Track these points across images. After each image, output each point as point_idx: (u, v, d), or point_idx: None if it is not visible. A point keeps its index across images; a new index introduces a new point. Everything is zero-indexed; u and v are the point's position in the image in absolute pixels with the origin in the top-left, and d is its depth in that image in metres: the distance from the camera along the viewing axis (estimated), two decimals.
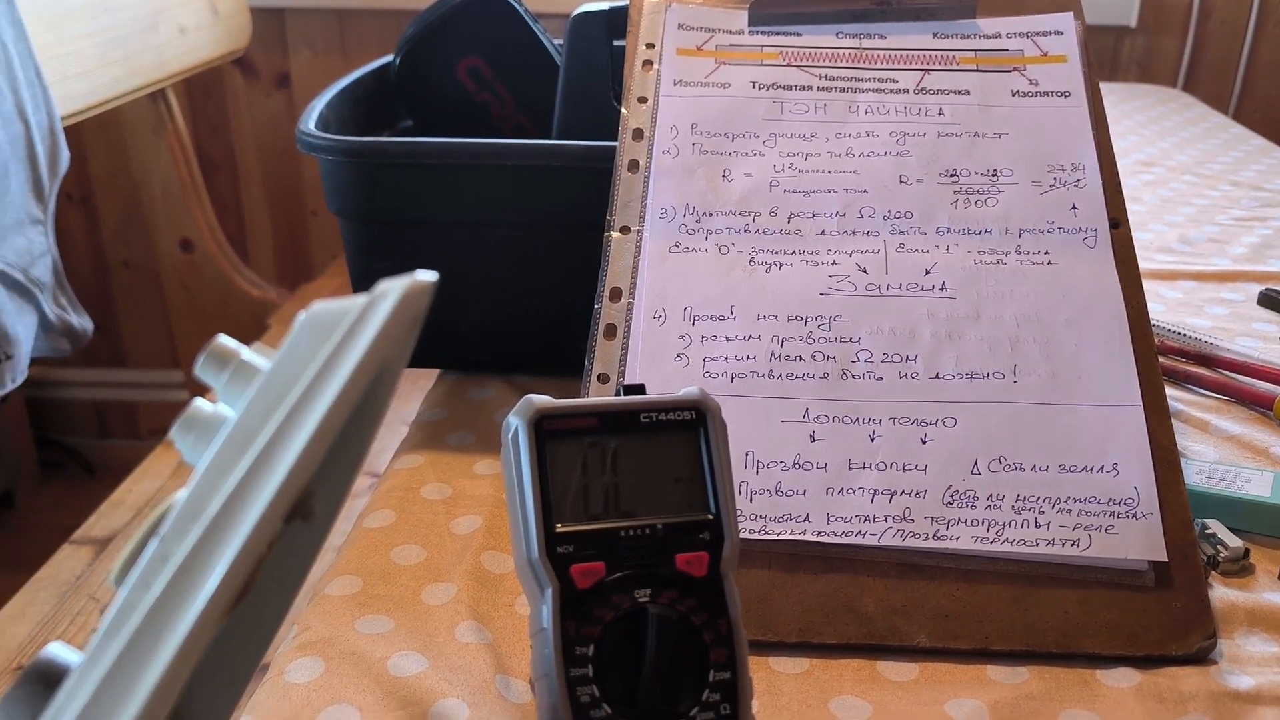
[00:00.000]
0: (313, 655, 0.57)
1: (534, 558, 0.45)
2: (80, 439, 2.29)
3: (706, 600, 0.46)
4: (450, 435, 0.79)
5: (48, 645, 0.33)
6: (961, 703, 0.53)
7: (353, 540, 0.68)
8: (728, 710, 0.45)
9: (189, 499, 0.28)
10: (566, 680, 0.44)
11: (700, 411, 0.48)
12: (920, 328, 0.64)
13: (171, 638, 0.26)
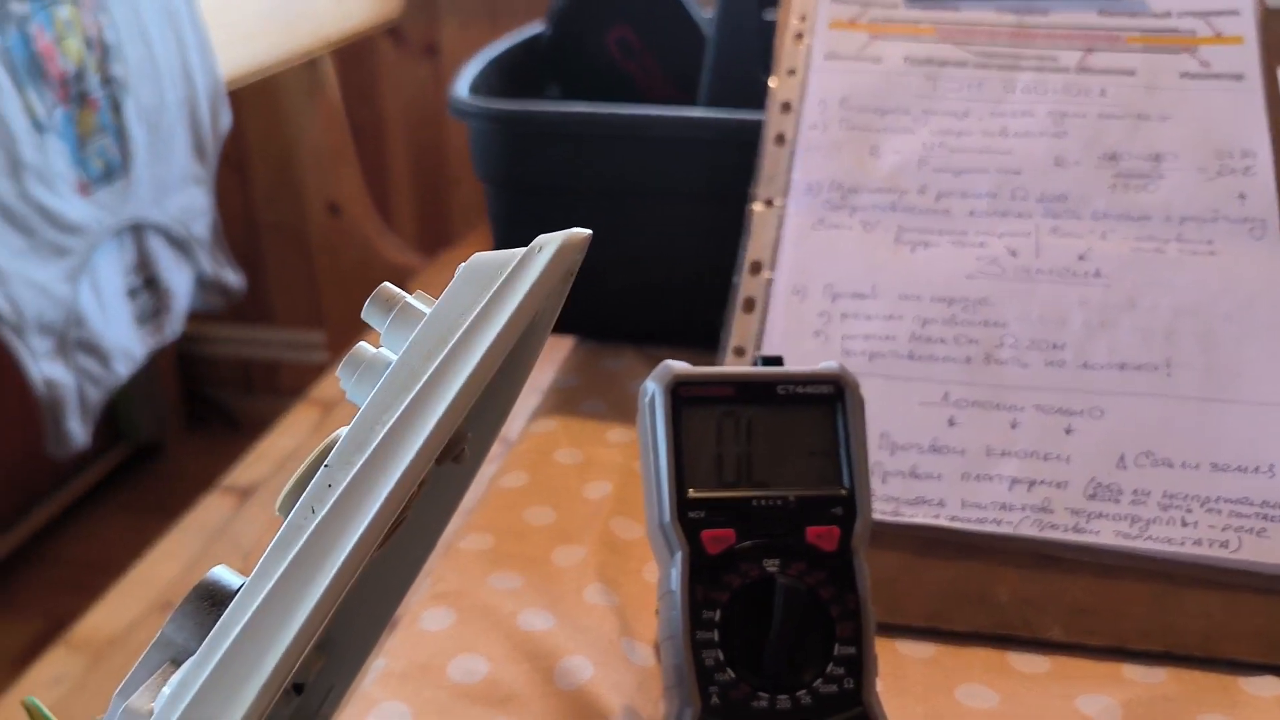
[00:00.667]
0: (446, 606, 0.59)
1: (665, 522, 0.46)
2: (226, 394, 2.40)
3: (835, 574, 0.46)
4: (584, 402, 0.80)
5: (214, 568, 0.35)
6: (1094, 699, 0.52)
7: (486, 499, 0.70)
8: (851, 685, 0.44)
9: (352, 433, 0.29)
10: (692, 643, 0.44)
11: (839, 386, 0.48)
12: (1070, 315, 0.62)
13: (332, 561, 0.27)
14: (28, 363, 1.54)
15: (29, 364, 1.54)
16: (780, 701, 0.44)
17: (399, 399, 0.29)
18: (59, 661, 1.44)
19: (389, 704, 0.52)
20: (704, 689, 0.44)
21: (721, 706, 0.44)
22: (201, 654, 0.29)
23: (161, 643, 0.34)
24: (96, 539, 1.89)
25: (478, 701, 0.52)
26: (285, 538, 0.28)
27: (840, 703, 0.44)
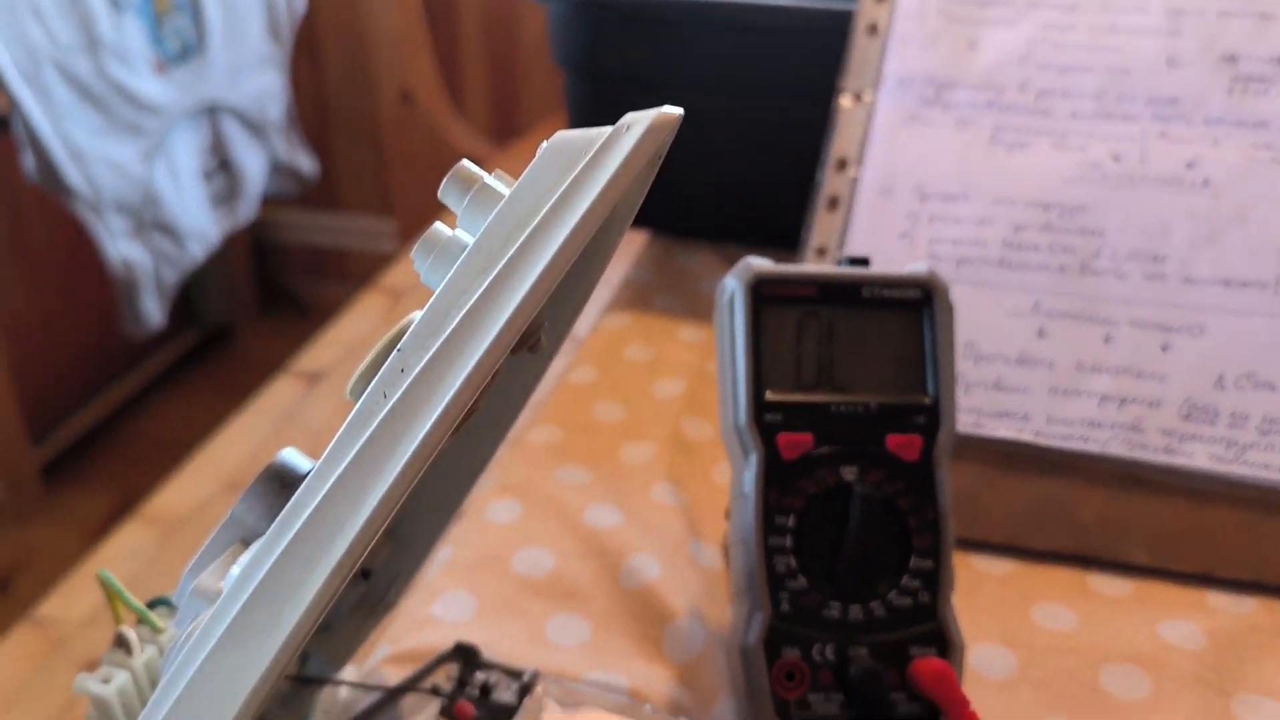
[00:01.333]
0: (513, 498, 0.58)
1: (741, 424, 0.44)
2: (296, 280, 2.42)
3: (915, 485, 0.44)
4: (656, 299, 0.79)
5: (283, 450, 0.34)
6: (1176, 625, 0.50)
7: (555, 393, 0.69)
8: (926, 598, 0.43)
9: (426, 317, 0.28)
10: (765, 548, 0.43)
11: (928, 290, 0.46)
12: (1175, 225, 0.59)
13: (403, 449, 0.26)
14: (105, 242, 1.56)
15: (106, 243, 1.56)
16: (852, 611, 0.43)
17: (476, 283, 0.27)
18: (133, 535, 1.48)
19: (454, 593, 0.52)
20: (774, 595, 0.43)
21: (792, 613, 0.43)
22: (271, 536, 0.28)
23: (231, 523, 0.34)
24: (170, 418, 1.93)
25: (542, 595, 0.52)
26: (356, 422, 0.27)
27: (914, 616, 0.43)
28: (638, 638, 0.50)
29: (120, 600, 0.38)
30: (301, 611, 0.28)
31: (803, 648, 0.42)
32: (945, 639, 0.43)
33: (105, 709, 0.36)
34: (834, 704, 0.42)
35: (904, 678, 0.42)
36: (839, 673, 0.42)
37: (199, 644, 0.28)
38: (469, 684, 0.45)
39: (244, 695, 0.28)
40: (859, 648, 0.42)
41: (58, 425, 1.81)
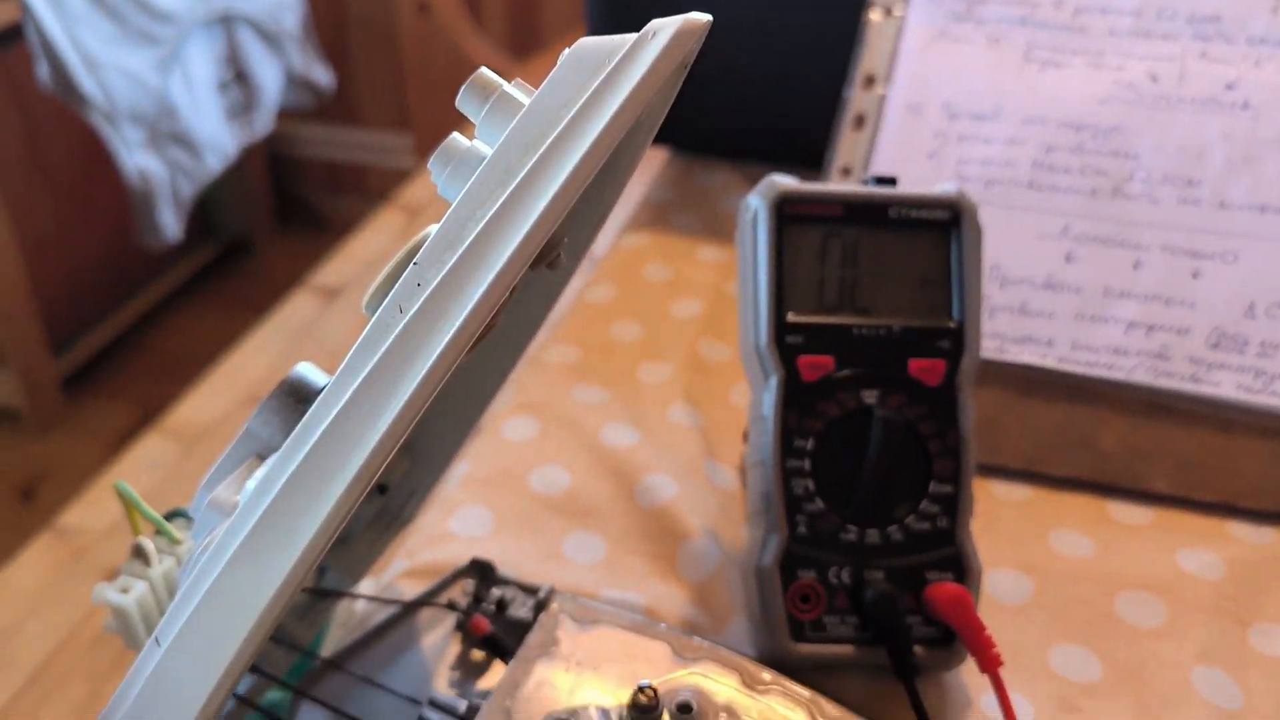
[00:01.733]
0: (529, 416, 0.58)
1: (761, 345, 0.44)
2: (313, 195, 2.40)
3: (937, 410, 0.43)
4: (676, 217, 0.77)
5: (299, 364, 0.34)
6: (1196, 554, 0.50)
7: (573, 312, 0.68)
8: (945, 524, 0.43)
9: (443, 230, 0.27)
10: (783, 470, 0.43)
11: (956, 211, 0.45)
12: (1212, 149, 0.57)
13: (419, 364, 0.26)
14: (121, 152, 1.55)
15: (122, 153, 1.55)
16: (870, 535, 0.42)
17: (494, 195, 0.27)
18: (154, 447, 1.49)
19: (471, 509, 0.52)
20: (792, 517, 0.42)
21: (809, 536, 0.42)
22: (286, 450, 0.28)
23: (247, 436, 0.33)
24: (188, 332, 1.93)
25: (558, 512, 0.52)
26: (372, 336, 0.26)
27: (932, 541, 0.43)
28: (653, 557, 0.50)
29: (138, 511, 0.38)
30: (317, 525, 0.28)
31: (819, 570, 0.42)
32: (963, 564, 0.43)
33: (124, 618, 0.36)
34: (849, 626, 0.42)
35: (920, 602, 0.42)
36: (854, 596, 0.42)
37: (215, 557, 0.28)
38: (485, 599, 0.45)
39: (260, 608, 0.28)
40: (875, 571, 0.42)
41: (78, 338, 1.82)
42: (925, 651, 0.42)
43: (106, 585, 0.37)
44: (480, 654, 0.44)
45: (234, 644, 0.28)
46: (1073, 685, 0.44)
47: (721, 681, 0.40)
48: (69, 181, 1.70)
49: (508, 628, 0.43)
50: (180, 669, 0.29)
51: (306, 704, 0.40)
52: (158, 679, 0.29)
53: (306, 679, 0.42)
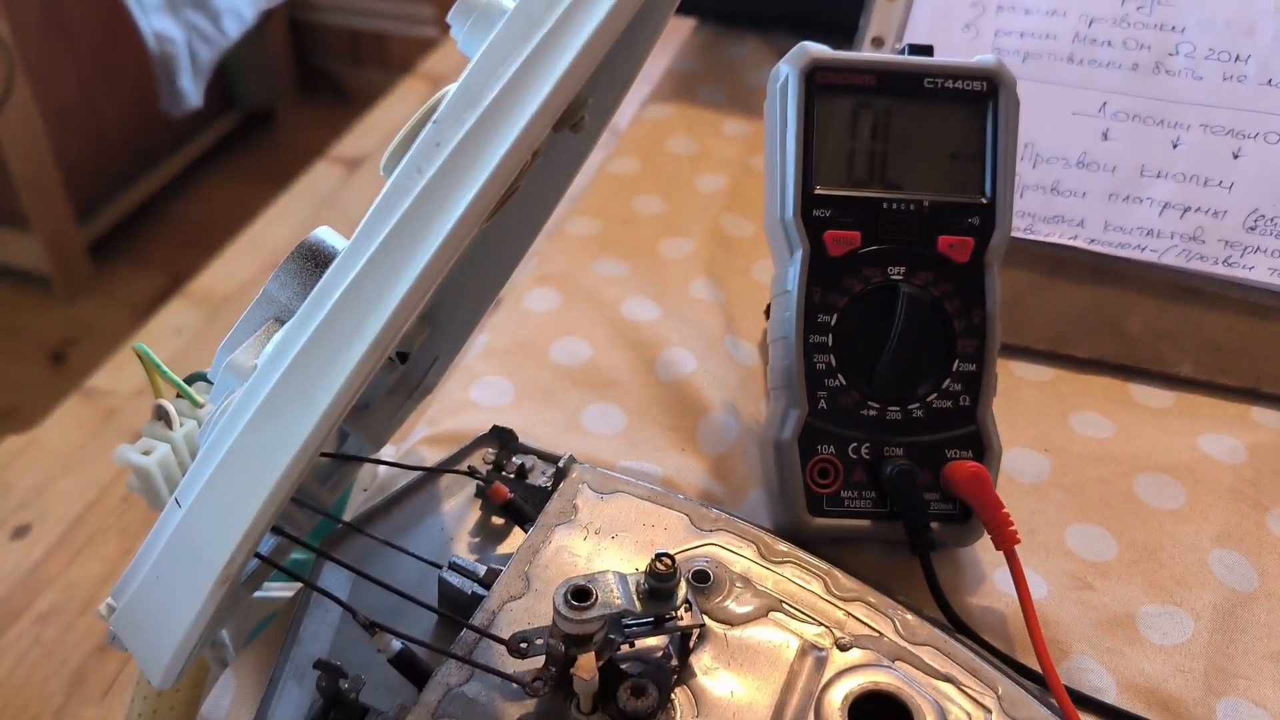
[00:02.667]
0: (550, 287, 0.58)
1: (787, 217, 0.43)
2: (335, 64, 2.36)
3: (964, 288, 0.43)
4: (701, 90, 0.76)
5: (317, 228, 0.34)
6: (1218, 438, 0.49)
7: (595, 184, 0.67)
8: (967, 402, 0.43)
9: (463, 87, 0.26)
10: (804, 346, 0.42)
11: (994, 83, 0.43)
12: (1262, 23, 0.55)
13: (438, 228, 0.25)
14: (138, 16, 1.52)
15: (139, 18, 1.52)
16: (890, 412, 0.42)
17: (517, 50, 0.26)
18: (179, 313, 1.50)
19: (491, 379, 0.52)
20: (812, 393, 0.42)
21: (829, 412, 0.42)
22: (303, 314, 0.28)
23: (265, 299, 0.33)
24: (212, 201, 1.93)
25: (579, 384, 0.52)
26: (390, 198, 0.26)
27: (953, 419, 0.43)
28: (672, 429, 0.50)
29: (159, 374, 0.39)
30: (335, 390, 0.27)
31: (838, 445, 0.42)
32: (982, 443, 0.43)
33: (146, 478, 0.37)
34: (867, 501, 0.42)
35: (938, 479, 0.42)
36: (873, 471, 0.42)
37: (233, 420, 0.29)
38: (505, 467, 0.46)
39: (280, 469, 0.28)
40: (894, 448, 0.42)
41: (102, 205, 1.81)
42: (941, 527, 0.42)
43: (129, 446, 0.37)
44: (500, 520, 0.44)
45: (254, 505, 0.28)
46: (1087, 564, 0.44)
47: (738, 552, 0.41)
48: (89, 49, 1.67)
49: (527, 495, 0.44)
50: (201, 529, 0.29)
51: (329, 565, 0.41)
52: (179, 538, 0.30)
53: (329, 541, 0.42)
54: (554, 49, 0.25)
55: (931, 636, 0.38)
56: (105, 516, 1.19)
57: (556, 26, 0.25)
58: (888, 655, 0.37)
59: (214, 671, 0.50)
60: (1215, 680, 0.40)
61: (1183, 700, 0.39)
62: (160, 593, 0.32)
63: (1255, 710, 0.39)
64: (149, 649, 0.34)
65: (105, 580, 1.12)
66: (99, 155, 1.78)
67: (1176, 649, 0.41)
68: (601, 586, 0.35)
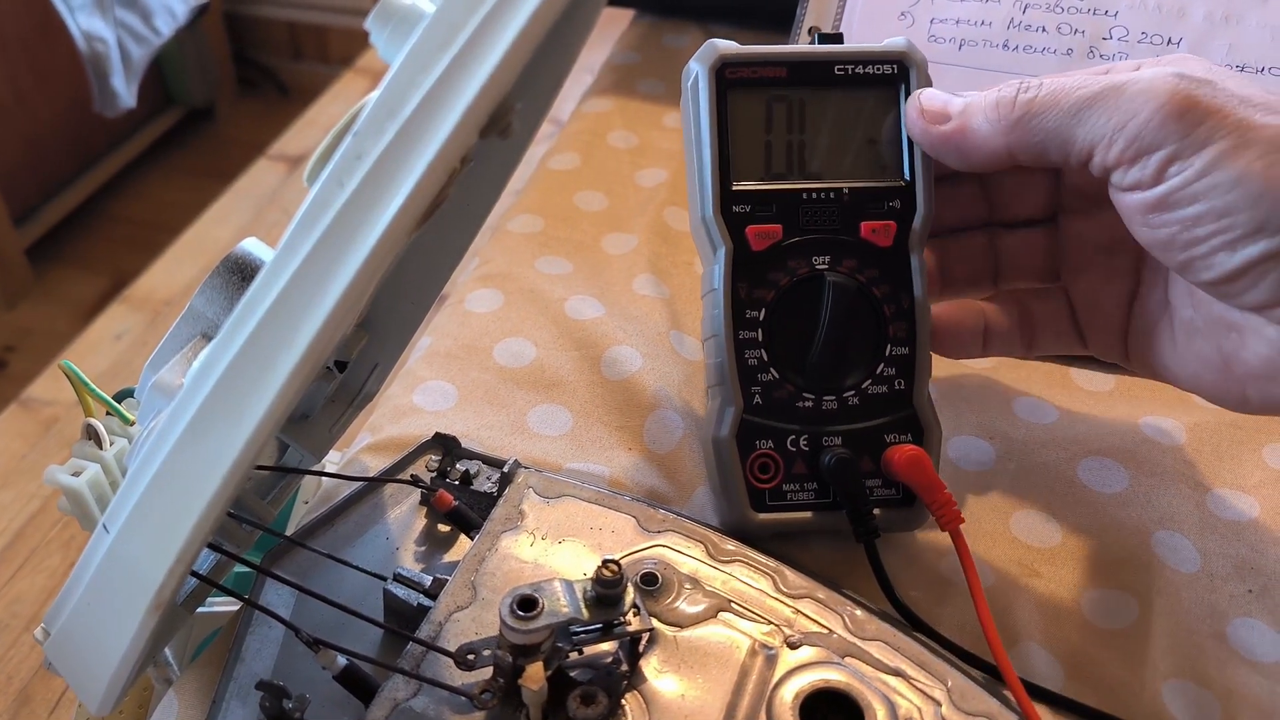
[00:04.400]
0: (493, 288, 0.57)
1: (707, 215, 0.42)
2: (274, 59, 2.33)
3: (890, 272, 0.43)
4: (641, 82, 0.75)
5: (243, 240, 0.33)
6: (1159, 420, 0.50)
7: (535, 180, 0.67)
8: (901, 386, 0.43)
9: (383, 96, 0.26)
10: (735, 342, 0.42)
11: (904, 65, 0.43)
12: (1193, 6, 0.55)
13: (364, 240, 0.25)
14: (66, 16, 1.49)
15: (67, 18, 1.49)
16: (826, 402, 0.42)
17: (437, 58, 0.25)
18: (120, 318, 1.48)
19: (435, 383, 0.52)
20: (746, 389, 0.42)
21: (764, 407, 0.42)
22: (229, 329, 0.27)
23: (191, 315, 0.33)
24: (153, 200, 1.89)
25: (523, 385, 0.52)
26: (312, 212, 0.25)
27: (889, 404, 0.42)
28: (618, 428, 0.50)
29: (88, 392, 0.38)
30: (266, 405, 0.27)
31: (776, 439, 0.42)
32: (921, 426, 0.43)
33: (77, 500, 0.36)
34: (809, 493, 0.42)
35: (879, 465, 0.42)
36: (813, 462, 0.42)
37: (160, 440, 0.28)
38: (449, 474, 0.45)
39: (211, 490, 0.27)
40: (833, 437, 0.42)
41: (41, 206, 1.78)
42: (885, 513, 0.42)
43: (58, 467, 0.36)
44: (445, 528, 0.44)
45: (185, 528, 0.28)
46: (1033, 550, 0.44)
47: (686, 552, 0.40)
48: (21, 49, 1.63)
49: (472, 501, 0.43)
50: (131, 555, 0.29)
51: (272, 581, 0.40)
52: (109, 565, 0.29)
53: (270, 557, 0.42)
54: (476, 54, 0.25)
55: (881, 631, 0.38)
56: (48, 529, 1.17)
57: (478, 31, 0.25)
58: (838, 652, 0.37)
59: (158, 690, 0.49)
60: (1161, 662, 0.40)
61: (1129, 684, 0.40)
62: (92, 620, 0.31)
63: (1199, 690, 0.40)
64: (84, 676, 0.33)
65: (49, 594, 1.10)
66: (35, 156, 1.74)
67: (1122, 633, 0.41)
68: (548, 595, 0.34)
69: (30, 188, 1.75)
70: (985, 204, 0.46)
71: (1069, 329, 0.45)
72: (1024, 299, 0.45)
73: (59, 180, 1.82)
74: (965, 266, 0.45)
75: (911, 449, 0.41)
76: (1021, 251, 0.45)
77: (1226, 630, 0.42)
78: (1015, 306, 0.45)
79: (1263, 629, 0.42)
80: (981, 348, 0.45)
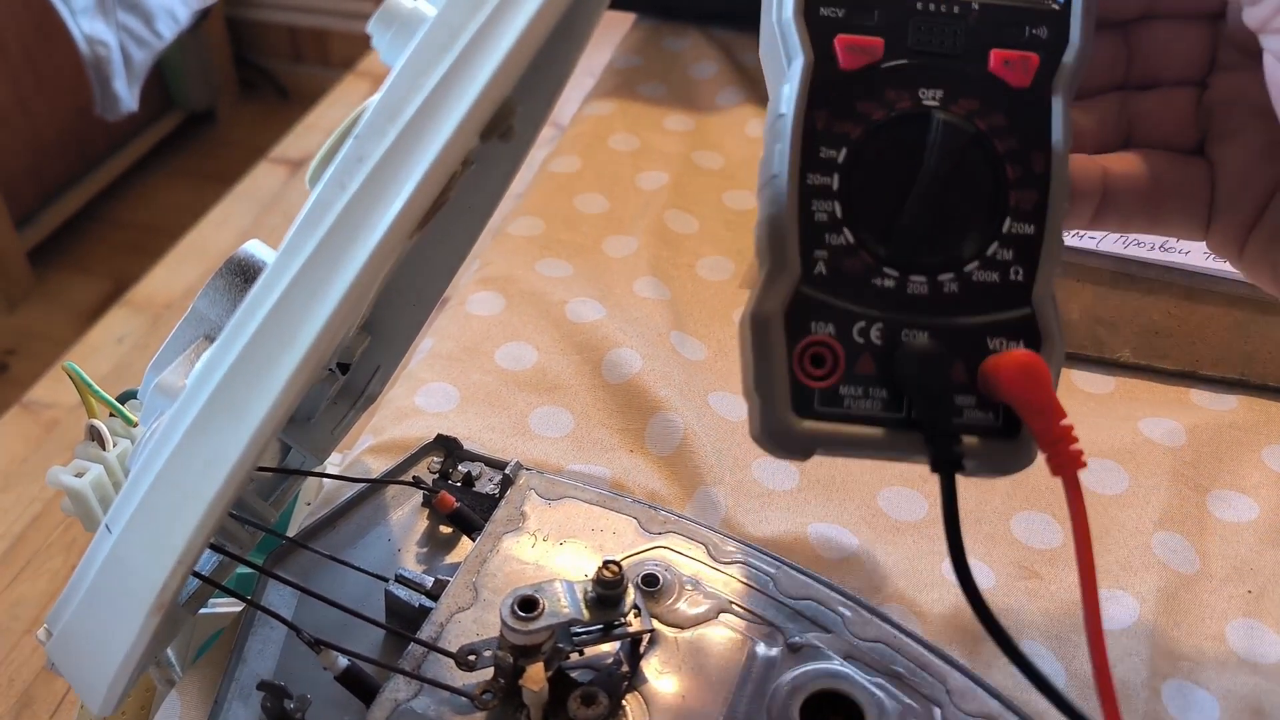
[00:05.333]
0: (494, 290, 0.57)
1: (784, 17, 0.31)
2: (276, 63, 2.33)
3: (1021, 121, 0.31)
4: (642, 85, 0.75)
5: (246, 242, 0.33)
6: (1158, 422, 0.50)
7: (537, 183, 0.67)
8: (1020, 276, 0.30)
9: (384, 99, 0.26)
10: (801, 187, 0.30)
11: None
12: None
13: (365, 242, 0.25)
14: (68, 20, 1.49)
15: (69, 21, 1.49)
16: (914, 283, 0.30)
17: (438, 60, 0.25)
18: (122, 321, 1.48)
19: (437, 385, 0.52)
20: (808, 251, 0.30)
21: (829, 279, 0.30)
22: (231, 330, 0.27)
23: (194, 317, 0.33)
24: (154, 204, 1.90)
25: (525, 387, 0.52)
26: (314, 214, 0.25)
27: (999, 298, 0.30)
28: (620, 430, 0.50)
29: (91, 393, 0.38)
30: (267, 406, 0.27)
31: (838, 324, 0.30)
32: (1039, 333, 0.30)
33: (80, 501, 0.36)
34: (875, 402, 0.30)
35: (974, 377, 0.30)
36: (885, 362, 0.30)
37: (163, 441, 0.28)
38: (451, 475, 0.45)
39: (213, 490, 0.28)
40: (917, 331, 0.30)
41: (42, 210, 1.78)
42: (976, 445, 0.30)
43: (61, 468, 0.36)
44: (447, 529, 0.44)
45: (187, 529, 0.28)
46: (1032, 551, 0.44)
47: (688, 554, 0.40)
48: (22, 53, 1.64)
49: (474, 503, 0.43)
50: (133, 555, 0.29)
51: (274, 582, 0.41)
52: (111, 565, 0.29)
53: (272, 558, 0.42)
54: (477, 57, 0.25)
55: (881, 633, 0.38)
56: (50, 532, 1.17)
57: (479, 34, 0.25)
58: (838, 653, 0.37)
59: (160, 691, 0.49)
60: (1161, 663, 0.40)
61: (1130, 684, 0.40)
62: (94, 621, 0.31)
63: (1199, 691, 0.40)
64: (86, 677, 0.33)
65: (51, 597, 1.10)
66: (36, 160, 1.74)
67: (1123, 633, 0.41)
68: (549, 596, 0.34)
69: (31, 192, 1.75)
70: (1123, 63, 0.36)
71: (1202, 206, 0.36)
72: (1156, 162, 0.36)
73: (60, 183, 1.82)
74: (1090, 134, 0.36)
75: (1025, 355, 0.29)
76: (1162, 114, 0.36)
77: (1226, 631, 0.42)
78: (1145, 168, 0.36)
79: (1262, 630, 0.42)
80: (1090, 216, 0.35)
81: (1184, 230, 0.37)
